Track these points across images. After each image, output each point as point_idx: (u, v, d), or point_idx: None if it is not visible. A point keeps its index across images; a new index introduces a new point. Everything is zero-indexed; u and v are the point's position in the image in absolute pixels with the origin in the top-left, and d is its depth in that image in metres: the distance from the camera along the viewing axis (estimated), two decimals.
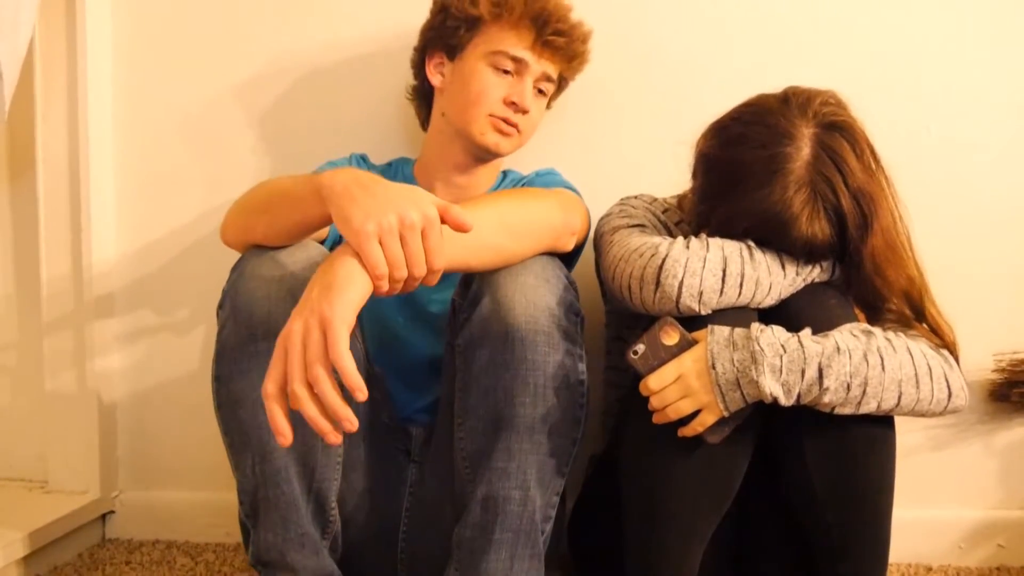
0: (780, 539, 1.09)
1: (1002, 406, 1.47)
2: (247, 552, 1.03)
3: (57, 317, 1.55)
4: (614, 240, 1.09)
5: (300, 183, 0.95)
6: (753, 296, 0.99)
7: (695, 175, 1.11)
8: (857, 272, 1.02)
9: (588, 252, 1.22)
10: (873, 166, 1.01)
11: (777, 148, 0.99)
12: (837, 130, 1.00)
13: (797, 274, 1.02)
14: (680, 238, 1.01)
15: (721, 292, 0.97)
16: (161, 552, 1.52)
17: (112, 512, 1.60)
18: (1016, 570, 1.46)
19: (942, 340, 1.03)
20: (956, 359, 1.02)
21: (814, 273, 1.03)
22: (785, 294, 1.02)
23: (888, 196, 1.03)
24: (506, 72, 1.25)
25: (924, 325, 1.05)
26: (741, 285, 0.98)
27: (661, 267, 0.97)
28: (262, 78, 1.55)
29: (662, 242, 1.00)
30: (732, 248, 0.99)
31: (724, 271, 0.97)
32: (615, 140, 1.50)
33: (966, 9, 1.46)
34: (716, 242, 1.00)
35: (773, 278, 1.00)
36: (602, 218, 1.19)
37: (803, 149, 0.98)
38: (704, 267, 0.97)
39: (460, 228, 0.85)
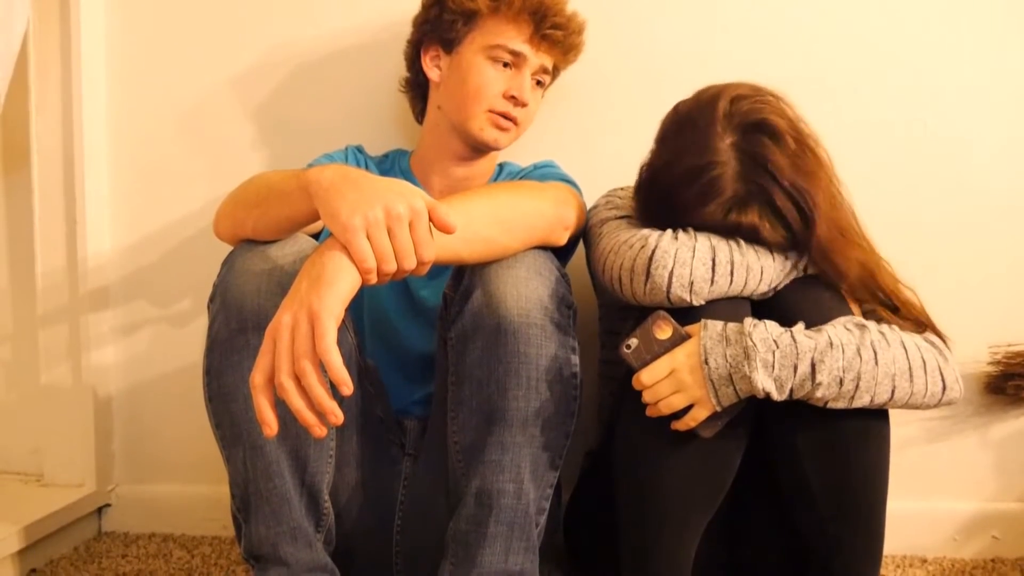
0: (774, 532, 1.09)
1: (997, 398, 1.47)
2: (239, 546, 1.03)
3: (52, 310, 1.55)
4: (603, 232, 1.09)
5: (289, 179, 0.95)
6: (745, 283, 0.99)
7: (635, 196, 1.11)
8: (811, 260, 1.02)
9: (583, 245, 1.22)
10: (800, 153, 0.99)
11: (703, 178, 0.98)
12: (755, 130, 0.99)
13: (787, 259, 1.02)
14: (669, 230, 1.01)
15: (712, 281, 0.97)
16: (157, 545, 1.52)
17: (108, 505, 1.60)
18: (1011, 562, 1.46)
19: (911, 312, 1.04)
20: (936, 332, 1.03)
21: (804, 260, 1.03)
22: (778, 282, 1.02)
23: (823, 179, 1.01)
24: (504, 65, 1.24)
25: (885, 302, 1.05)
26: (732, 273, 0.98)
27: (651, 258, 0.97)
28: (256, 70, 1.54)
29: (651, 233, 1.00)
30: (719, 237, 0.99)
31: (713, 260, 0.97)
32: (611, 131, 1.50)
33: (961, 3, 1.46)
34: (703, 233, 0.99)
35: (763, 262, 1.00)
36: (590, 210, 1.18)
37: (728, 166, 0.98)
38: (694, 256, 0.96)
39: (444, 229, 0.84)
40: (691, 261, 0.96)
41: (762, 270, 1.00)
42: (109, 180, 1.58)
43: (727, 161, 0.98)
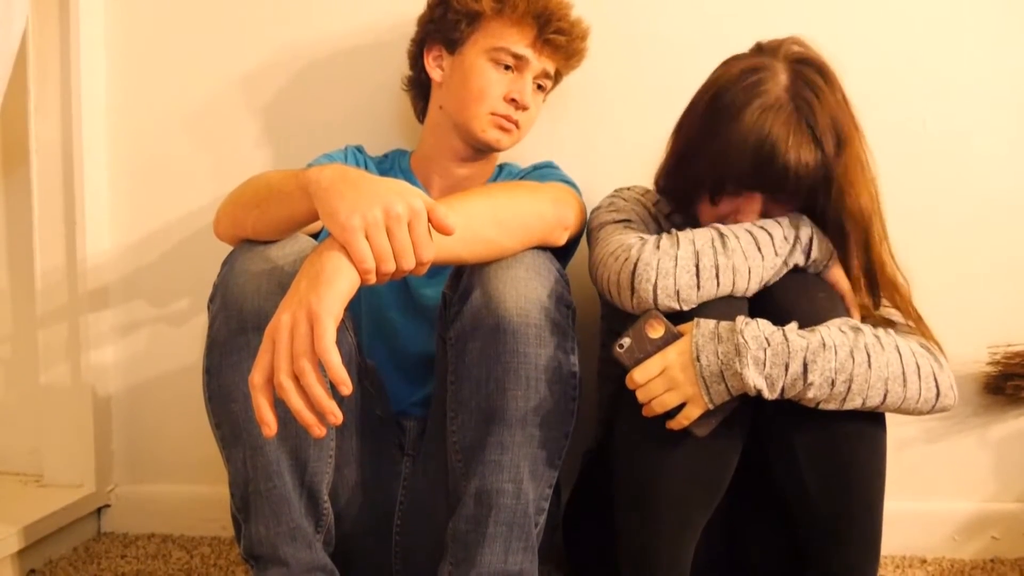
0: (773, 531, 1.09)
1: (996, 399, 1.47)
2: (239, 546, 1.03)
3: (51, 310, 1.55)
4: (599, 238, 1.10)
5: (288, 179, 0.95)
6: (733, 284, 0.99)
7: (674, 136, 1.13)
8: (826, 196, 1.02)
9: (584, 245, 1.22)
10: (844, 104, 1.03)
11: (753, 77, 1.01)
12: (809, 65, 1.03)
13: (776, 254, 1.01)
14: (652, 238, 1.01)
15: (698, 287, 0.97)
16: (156, 546, 1.52)
17: (107, 506, 1.60)
18: (1010, 562, 1.46)
19: (900, 294, 1.05)
20: (919, 321, 1.04)
21: (796, 255, 1.02)
22: (768, 277, 1.02)
23: (858, 133, 1.04)
24: (507, 68, 1.24)
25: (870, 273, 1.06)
26: (717, 276, 0.98)
27: (633, 272, 0.97)
28: (256, 70, 1.54)
29: (634, 244, 1.00)
30: (703, 240, 0.99)
31: (697, 266, 0.97)
32: (610, 133, 1.50)
33: (962, 1, 1.46)
34: (686, 236, 0.99)
35: (751, 263, 0.99)
36: (592, 211, 1.18)
37: (779, 75, 1.01)
38: (676, 265, 0.97)
39: (443, 230, 0.84)
40: (674, 271, 0.96)
41: (749, 271, 0.99)
42: (108, 179, 1.58)
43: (780, 73, 1.01)
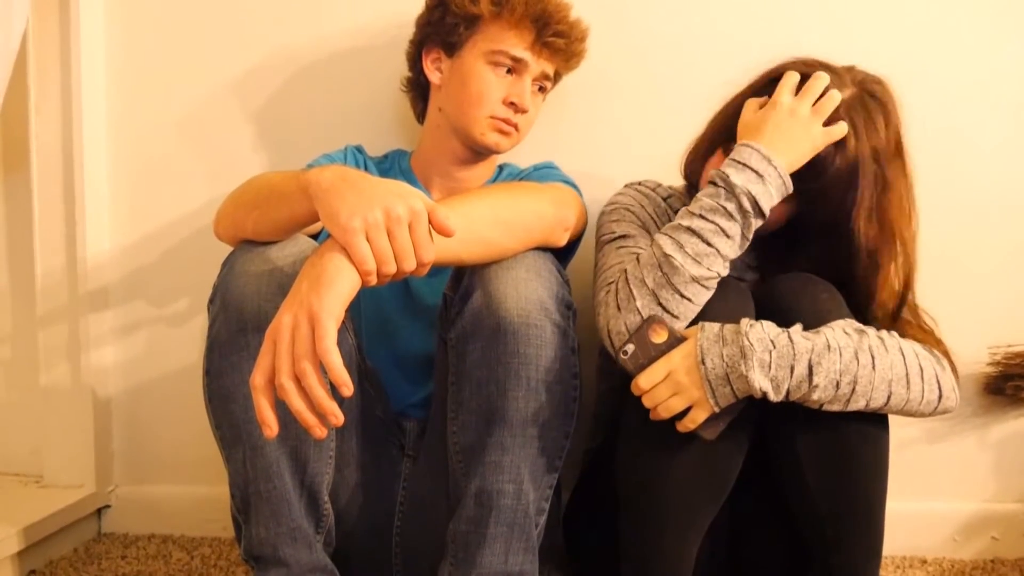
0: (775, 531, 1.09)
1: (996, 399, 1.47)
2: (239, 547, 1.04)
3: (51, 311, 1.55)
4: (596, 263, 1.11)
5: (288, 179, 0.95)
6: (708, 289, 0.97)
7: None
8: (874, 225, 1.02)
9: (587, 244, 1.22)
10: (895, 149, 1.03)
11: (823, 70, 1.02)
12: (876, 99, 1.03)
13: (728, 236, 0.97)
14: (613, 288, 1.00)
15: (677, 318, 0.96)
16: (157, 546, 1.52)
17: (108, 507, 1.60)
18: (1010, 562, 1.47)
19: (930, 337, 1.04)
20: (948, 358, 1.02)
21: (752, 222, 0.98)
22: (740, 247, 0.99)
23: (903, 181, 1.04)
24: (506, 71, 1.24)
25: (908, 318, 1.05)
26: (687, 297, 0.96)
27: (612, 344, 0.98)
28: (256, 71, 1.54)
29: (600, 302, 1.01)
30: (652, 274, 0.96)
31: (661, 305, 0.96)
32: (611, 132, 1.50)
33: (960, 1, 1.46)
34: (636, 278, 0.97)
35: (707, 263, 0.96)
36: (600, 213, 1.18)
37: (847, 87, 1.01)
38: (644, 319, 0.96)
39: (443, 232, 0.84)
40: (643, 325, 0.96)
41: (709, 268, 0.97)
42: (109, 180, 1.58)
43: (848, 86, 1.02)
